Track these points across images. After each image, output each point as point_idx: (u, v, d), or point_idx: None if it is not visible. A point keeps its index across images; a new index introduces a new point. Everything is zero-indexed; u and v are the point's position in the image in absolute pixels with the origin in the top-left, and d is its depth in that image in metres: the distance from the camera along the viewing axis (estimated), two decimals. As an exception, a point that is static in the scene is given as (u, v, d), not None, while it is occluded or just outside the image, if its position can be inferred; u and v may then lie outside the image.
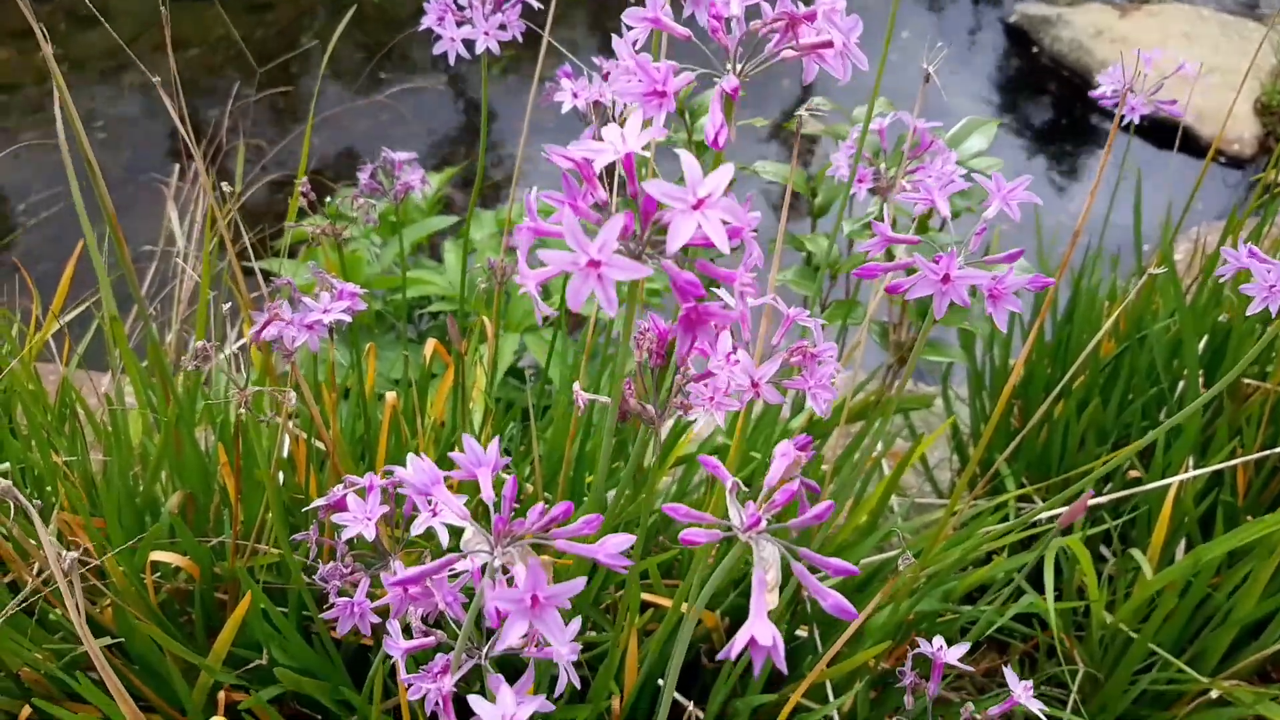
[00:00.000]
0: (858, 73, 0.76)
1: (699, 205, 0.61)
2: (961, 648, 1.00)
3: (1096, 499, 1.45)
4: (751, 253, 0.72)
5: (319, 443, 1.43)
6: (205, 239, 1.43)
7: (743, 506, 0.70)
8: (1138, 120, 1.42)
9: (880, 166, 1.25)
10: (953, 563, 1.43)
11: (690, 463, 1.64)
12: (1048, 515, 1.42)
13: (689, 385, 0.90)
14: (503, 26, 1.22)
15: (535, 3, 1.23)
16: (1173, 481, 1.51)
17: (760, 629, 0.66)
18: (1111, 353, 1.93)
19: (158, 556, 1.25)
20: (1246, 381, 1.77)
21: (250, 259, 1.36)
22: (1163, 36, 4.64)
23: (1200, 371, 1.77)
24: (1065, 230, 3.25)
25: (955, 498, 1.30)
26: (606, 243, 0.60)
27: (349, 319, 1.10)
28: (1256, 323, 1.78)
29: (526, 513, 0.73)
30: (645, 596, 1.36)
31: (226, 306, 1.07)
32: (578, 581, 0.67)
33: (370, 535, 0.96)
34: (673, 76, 0.72)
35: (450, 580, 0.92)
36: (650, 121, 0.72)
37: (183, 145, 1.40)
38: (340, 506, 0.99)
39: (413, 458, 0.77)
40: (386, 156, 1.39)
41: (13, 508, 0.89)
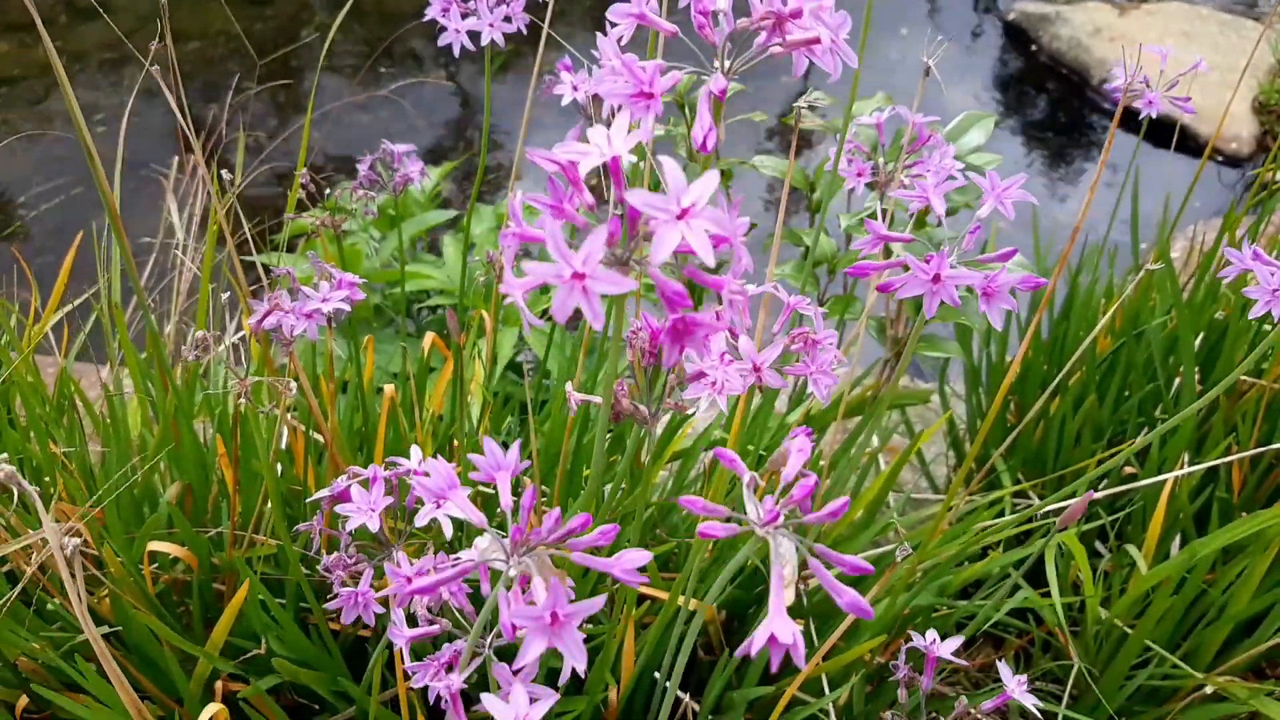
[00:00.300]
0: (860, 68, 0.76)
1: (683, 215, 0.59)
2: (955, 641, 1.01)
3: (1093, 495, 1.45)
4: (740, 259, 0.70)
5: (317, 435, 1.43)
6: (210, 229, 1.43)
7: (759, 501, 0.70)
8: (1154, 114, 1.41)
9: (879, 161, 1.25)
10: (949, 558, 1.44)
11: (686, 457, 1.65)
12: (1043, 511, 1.43)
13: (683, 384, 0.90)
14: (507, 19, 1.22)
15: (537, -4, 1.24)
16: (1168, 478, 1.52)
17: (781, 626, 0.65)
18: (1108, 349, 1.94)
19: (156, 546, 1.26)
20: (1242, 378, 1.78)
21: (250, 252, 1.36)
22: (1161, 35, 4.64)
23: (1196, 368, 1.77)
24: (1062, 227, 3.25)
25: (952, 493, 1.31)
26: (591, 255, 0.58)
27: (348, 308, 1.10)
28: (1253, 320, 1.78)
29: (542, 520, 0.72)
30: (642, 589, 1.36)
31: (225, 296, 1.07)
32: (598, 600, 0.66)
33: (374, 526, 0.96)
34: (660, 76, 0.70)
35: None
36: (638, 124, 0.71)
37: (181, 138, 1.40)
38: (344, 498, 0.99)
39: (431, 461, 0.77)
40: (386, 148, 1.39)
41: (15, 494, 0.89)
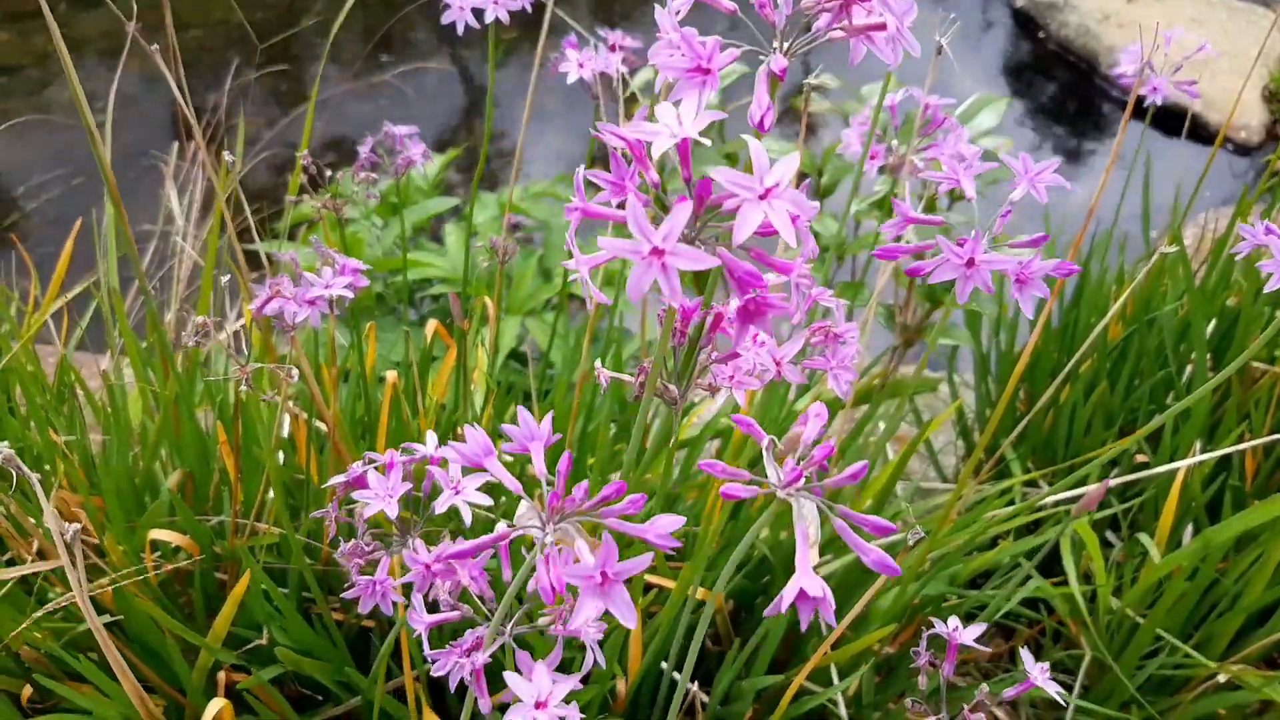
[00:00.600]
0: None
1: (766, 195, 0.58)
2: (978, 628, 0.99)
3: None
4: (807, 243, 0.70)
5: (319, 423, 1.42)
6: (214, 214, 1.41)
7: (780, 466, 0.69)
8: (1159, 101, 1.40)
9: (891, 144, 1.23)
10: (959, 547, 1.42)
11: (693, 446, 1.63)
12: (1053, 499, 1.41)
13: (713, 365, 0.88)
14: (513, -5, 1.19)
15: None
16: (1180, 466, 1.50)
17: (809, 581, 0.65)
18: (1119, 336, 1.92)
19: (157, 535, 1.24)
20: (1255, 365, 1.76)
21: (252, 238, 1.34)
22: (1170, 22, 4.61)
23: (1208, 355, 1.75)
24: (1071, 215, 3.23)
25: (963, 481, 1.29)
26: (673, 230, 0.57)
27: (351, 295, 1.08)
28: (1266, 305, 1.76)
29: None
30: (648, 578, 1.34)
31: (225, 279, 1.06)
32: (646, 557, 0.66)
33: (393, 513, 0.94)
34: (719, 52, 0.68)
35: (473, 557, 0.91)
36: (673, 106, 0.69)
37: (182, 125, 1.38)
38: (360, 484, 0.97)
39: (467, 427, 0.76)
40: (388, 130, 1.37)
41: (14, 478, 0.88)
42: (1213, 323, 1.85)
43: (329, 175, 1.26)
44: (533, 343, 2.57)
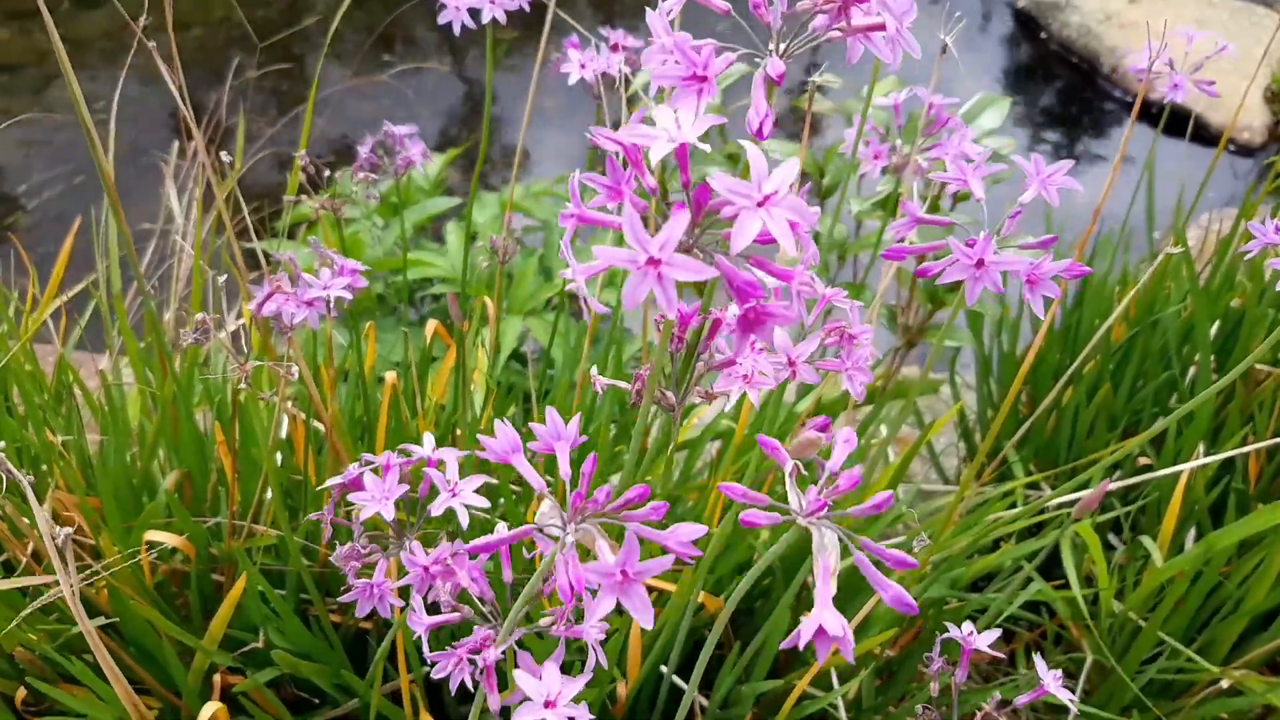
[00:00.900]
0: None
1: (764, 202, 0.57)
2: (993, 634, 0.98)
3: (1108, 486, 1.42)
4: (807, 250, 0.68)
5: (317, 424, 1.41)
6: (213, 214, 1.40)
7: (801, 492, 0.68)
8: (1180, 99, 1.38)
9: (895, 144, 1.22)
10: (961, 550, 1.41)
11: (693, 448, 1.62)
12: (1056, 502, 1.40)
13: (712, 372, 0.87)
14: (509, -6, 1.18)
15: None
16: (1184, 469, 1.49)
17: (830, 619, 0.64)
18: (1122, 337, 1.91)
19: (153, 536, 1.23)
20: (1259, 367, 1.75)
21: (251, 239, 1.34)
22: (1173, 22, 4.59)
23: (1212, 356, 1.74)
24: (1073, 216, 3.21)
25: (965, 484, 1.28)
26: (669, 240, 0.56)
27: (350, 296, 1.08)
28: (1270, 307, 1.75)
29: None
30: (649, 581, 1.33)
31: (222, 279, 1.05)
32: (667, 558, 0.65)
33: (389, 515, 0.93)
34: (714, 59, 0.66)
35: (471, 559, 0.90)
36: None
37: (183, 124, 1.38)
38: (356, 486, 0.96)
39: (498, 422, 0.77)
40: (387, 130, 1.36)
41: (3, 482, 0.87)
42: (1216, 324, 1.84)
43: (326, 175, 1.25)
44: (533, 343, 2.56)
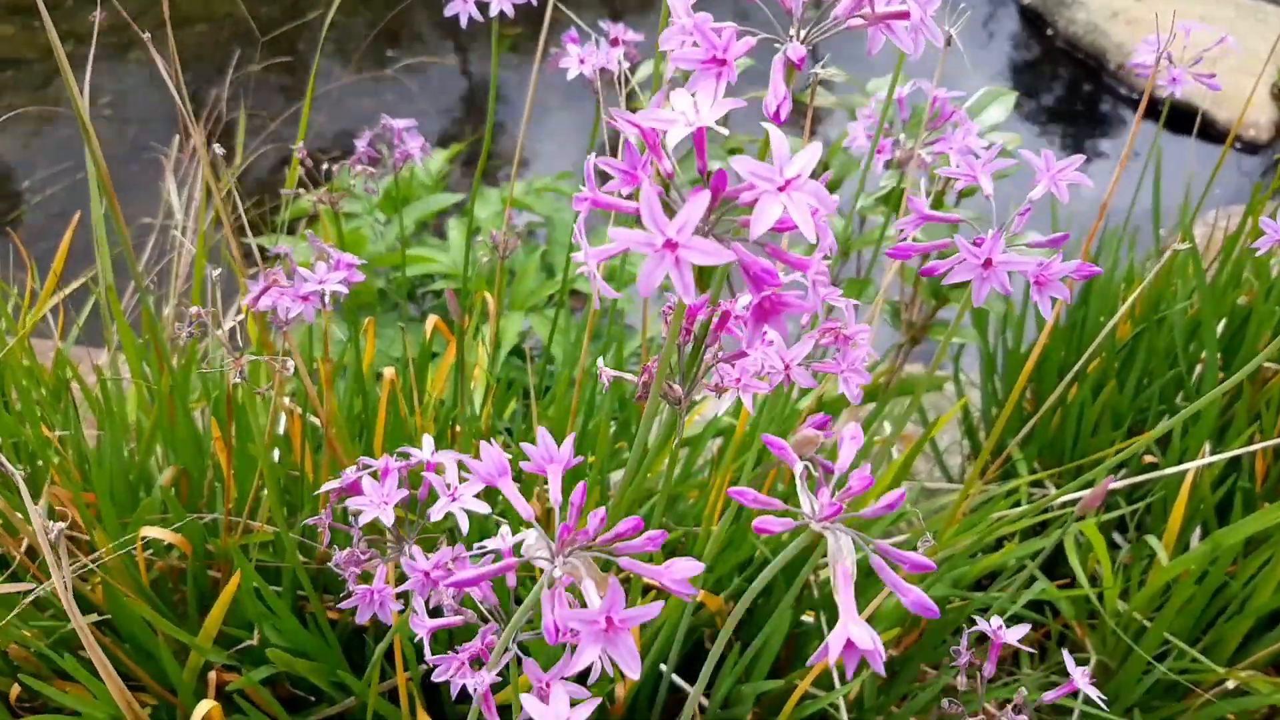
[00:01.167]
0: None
1: (785, 187, 0.56)
2: (1022, 629, 0.97)
3: (1112, 484, 1.41)
4: (825, 239, 0.67)
5: (316, 419, 1.40)
6: (212, 209, 1.39)
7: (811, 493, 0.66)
8: (1179, 93, 1.37)
9: (899, 138, 1.21)
10: (964, 549, 1.40)
11: (694, 444, 1.61)
12: (1060, 501, 1.39)
13: (719, 365, 0.86)
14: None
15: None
16: (1190, 467, 1.47)
17: (858, 631, 0.61)
18: (1128, 335, 1.89)
19: (148, 533, 1.22)
20: (1267, 365, 1.73)
21: (252, 234, 1.33)
22: (1179, 19, 4.57)
23: (1219, 354, 1.73)
24: (1078, 213, 3.19)
25: (970, 482, 1.27)
26: (688, 222, 0.54)
27: (345, 290, 1.06)
28: (1277, 304, 1.74)
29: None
30: (647, 580, 1.32)
31: (217, 273, 1.03)
32: (654, 606, 0.62)
33: (388, 521, 0.91)
34: (735, 42, 0.64)
35: (475, 560, 0.88)
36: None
37: (179, 119, 1.36)
38: (355, 490, 0.94)
39: (484, 445, 0.73)
40: (385, 124, 1.35)
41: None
42: (1223, 322, 1.82)
43: (324, 169, 1.23)
44: (535, 339, 2.55)
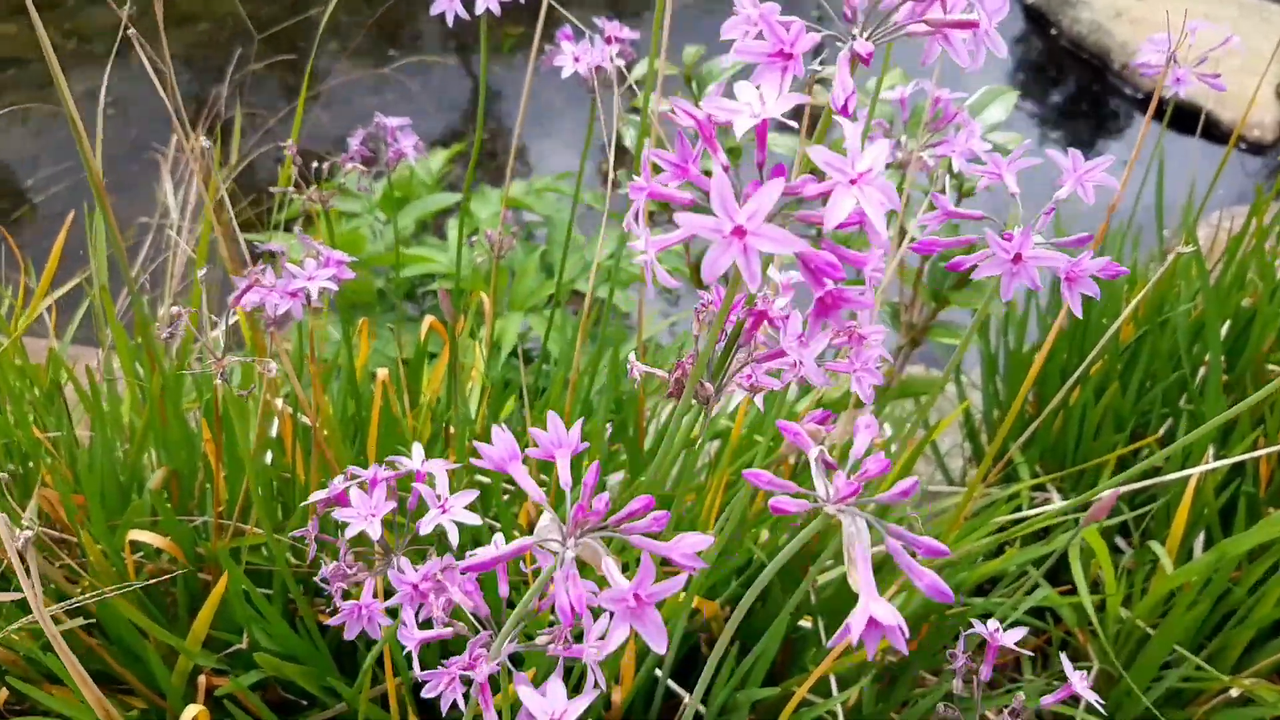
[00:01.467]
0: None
1: (856, 180, 0.55)
2: (1019, 632, 0.96)
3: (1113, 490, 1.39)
4: (882, 235, 0.66)
5: (307, 421, 1.38)
6: (208, 211, 1.38)
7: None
8: (1183, 93, 1.35)
9: (900, 139, 1.19)
10: (966, 554, 1.38)
11: (694, 445, 1.59)
12: (1063, 508, 1.37)
13: (752, 364, 0.84)
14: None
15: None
16: (1193, 472, 1.45)
17: (879, 608, 0.60)
18: (1131, 337, 1.87)
19: (136, 536, 1.21)
20: (1270, 368, 1.71)
21: (249, 232, 1.31)
22: (1183, 20, 4.55)
23: (1223, 356, 1.71)
24: (1082, 215, 3.18)
25: (973, 485, 1.25)
26: (759, 209, 0.53)
27: (335, 287, 1.05)
28: (1282, 308, 1.72)
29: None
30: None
31: (202, 272, 1.02)
32: (679, 578, 0.61)
33: (376, 534, 0.90)
34: (803, 35, 0.63)
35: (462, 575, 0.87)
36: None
37: (174, 118, 1.35)
38: (342, 502, 0.92)
39: (496, 429, 0.72)
40: (379, 122, 1.34)
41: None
42: (1227, 324, 1.80)
43: (314, 167, 1.22)
44: (535, 341, 2.54)
